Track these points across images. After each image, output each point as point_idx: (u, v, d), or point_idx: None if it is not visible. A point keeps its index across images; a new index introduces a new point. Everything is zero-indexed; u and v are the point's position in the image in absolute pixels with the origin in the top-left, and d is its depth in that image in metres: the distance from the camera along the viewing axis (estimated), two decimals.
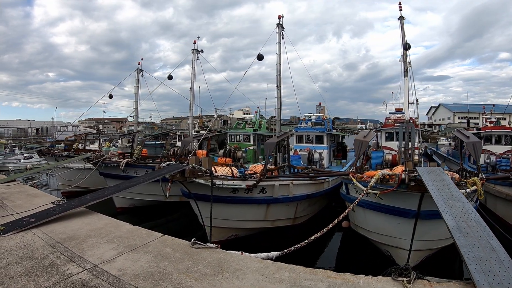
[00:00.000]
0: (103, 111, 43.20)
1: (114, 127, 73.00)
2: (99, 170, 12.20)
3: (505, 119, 21.04)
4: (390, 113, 19.40)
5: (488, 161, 14.49)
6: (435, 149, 22.60)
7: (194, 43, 16.64)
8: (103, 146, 20.96)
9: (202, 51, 16.85)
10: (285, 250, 5.07)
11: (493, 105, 21.58)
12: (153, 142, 25.51)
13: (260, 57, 12.87)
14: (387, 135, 17.14)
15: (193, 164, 7.90)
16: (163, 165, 8.19)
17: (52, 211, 5.65)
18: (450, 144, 29.59)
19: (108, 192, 6.35)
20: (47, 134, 54.52)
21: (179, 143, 20.68)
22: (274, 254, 4.70)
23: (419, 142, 15.60)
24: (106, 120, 64.48)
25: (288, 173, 12.35)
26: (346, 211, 6.82)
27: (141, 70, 19.17)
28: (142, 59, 19.29)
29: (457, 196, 5.47)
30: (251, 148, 19.13)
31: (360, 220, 9.11)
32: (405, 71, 14.14)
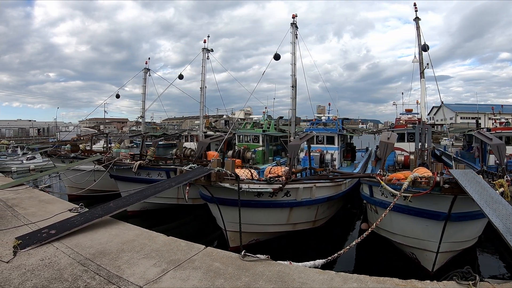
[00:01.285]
0: (105, 111, 42.27)
1: (115, 127, 71.84)
2: (110, 172, 11.49)
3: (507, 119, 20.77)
4: (400, 114, 18.95)
5: (498, 162, 14.20)
6: (443, 150, 22.22)
7: (204, 42, 16.03)
8: (110, 147, 20.28)
9: (212, 50, 16.21)
10: (329, 258, 4.69)
11: (502, 105, 21.28)
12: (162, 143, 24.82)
13: (277, 57, 12.38)
14: (398, 136, 16.66)
15: (219, 168, 7.31)
16: (185, 168, 7.57)
17: (73, 221, 4.98)
18: (453, 144, 29.29)
19: (134, 199, 5.70)
20: (49, 134, 53.29)
21: (186, 144, 19.99)
22: (319, 262, 4.35)
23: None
24: (107, 120, 63.44)
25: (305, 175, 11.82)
26: (383, 215, 6.40)
27: (148, 70, 18.48)
28: (149, 59, 18.66)
29: (497, 199, 5.43)
30: (260, 149, 18.55)
31: (385, 223, 8.44)
32: (422, 73, 13.70)
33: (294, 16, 13.77)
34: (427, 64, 12.89)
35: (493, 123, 18.26)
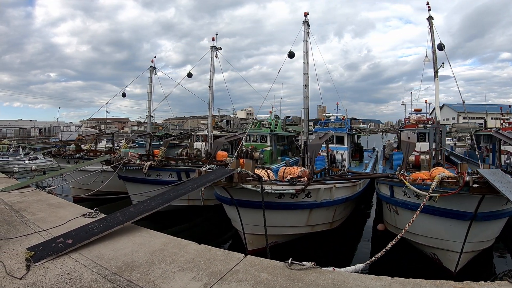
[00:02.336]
0: (106, 111, 41.46)
1: (116, 127, 70.89)
2: (119, 173, 10.87)
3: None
4: (410, 113, 18.51)
5: (508, 161, 14.03)
6: (450, 150, 21.85)
7: (213, 40, 15.42)
8: (117, 147, 19.59)
9: (220, 48, 15.63)
10: (368, 261, 4.30)
11: (510, 106, 21.00)
12: (158, 142, 24.11)
13: (291, 55, 11.89)
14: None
15: (241, 169, 6.77)
16: (205, 169, 7.03)
17: (91, 228, 4.40)
18: (455, 144, 28.96)
19: (156, 203, 5.13)
20: (50, 134, 52.30)
21: (193, 144, 19.36)
22: (360, 266, 3.99)
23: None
24: (108, 120, 62.49)
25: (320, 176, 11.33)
26: (413, 218, 6.02)
27: (154, 68, 17.84)
28: (155, 57, 18.02)
29: None
30: (268, 148, 18.01)
31: (405, 223, 8.50)
32: (436, 72, 13.27)
33: (306, 14, 13.26)
34: (443, 63, 12.45)
35: (501, 123, 17.88)
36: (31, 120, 58.26)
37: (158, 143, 24.67)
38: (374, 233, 10.85)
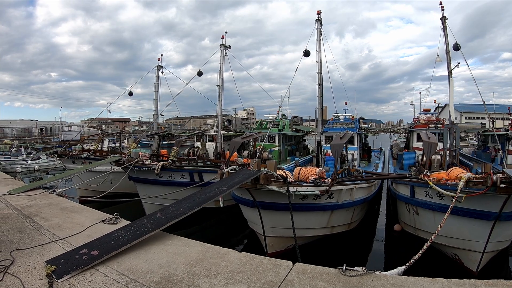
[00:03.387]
0: (108, 111, 40.72)
1: (117, 127, 69.91)
2: (129, 174, 10.30)
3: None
4: (419, 113, 18.13)
5: None
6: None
7: (222, 38, 14.90)
8: (124, 147, 18.96)
9: (229, 46, 15.11)
10: (408, 264, 4.04)
11: None
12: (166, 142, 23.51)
13: (307, 53, 11.48)
14: (418, 136, 15.88)
15: (267, 169, 6.29)
16: (228, 170, 6.54)
17: (117, 237, 3.87)
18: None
19: (184, 207, 4.61)
20: (52, 134, 51.24)
21: (198, 144, 18.79)
22: (401, 268, 3.78)
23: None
24: (109, 120, 61.62)
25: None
26: (444, 219, 5.65)
27: (161, 67, 17.25)
28: (162, 55, 17.45)
29: None
30: (276, 148, 17.52)
31: (426, 224, 8.28)
32: (450, 72, 12.89)
33: (318, 13, 12.85)
34: (458, 63, 12.07)
35: (510, 123, 17.57)
36: (32, 120, 57.10)
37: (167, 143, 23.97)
38: (390, 233, 10.57)
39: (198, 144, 19.45)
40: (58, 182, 9.81)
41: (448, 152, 11.61)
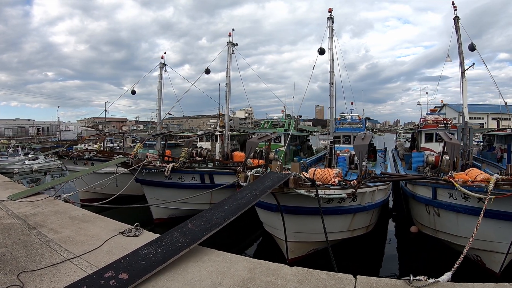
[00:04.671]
0: (106, 110, 39.60)
1: (114, 126, 68.41)
2: (136, 176, 9.58)
3: (510, 119, 19.90)
4: (426, 113, 17.76)
5: None
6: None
7: (229, 35, 14.23)
8: (117, 147, 18.11)
9: (236, 44, 14.45)
10: (453, 269, 3.75)
11: None
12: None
13: (322, 52, 11.00)
14: (426, 136, 15.50)
15: (295, 172, 5.73)
16: (252, 173, 5.97)
17: (147, 255, 3.22)
18: None
19: (218, 216, 3.94)
20: (49, 134, 49.66)
21: (201, 144, 18.09)
22: (449, 274, 3.49)
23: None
24: (106, 120, 60.09)
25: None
26: (478, 221, 5.38)
27: (165, 65, 16.49)
28: (165, 53, 16.64)
29: None
30: (282, 149, 16.93)
31: (447, 226, 8.07)
32: (463, 72, 12.51)
33: (330, 11, 12.34)
34: (473, 63, 11.68)
35: None
36: (29, 120, 55.33)
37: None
38: (403, 235, 10.22)
39: (201, 144, 18.78)
40: (61, 185, 9.05)
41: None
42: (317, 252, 8.10)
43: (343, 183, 6.92)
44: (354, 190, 6.93)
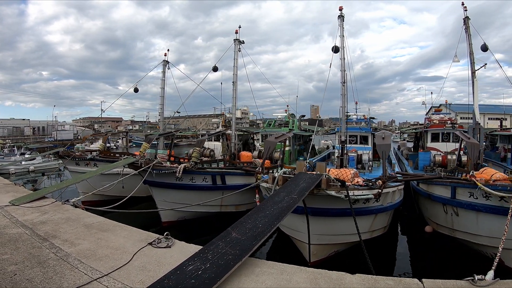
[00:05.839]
0: (102, 110, 38.53)
1: (109, 126, 66.79)
2: (144, 177, 8.95)
3: (506, 119, 20.04)
4: (432, 113, 17.58)
5: None
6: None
7: (236, 32, 13.69)
8: (114, 147, 17.31)
9: (243, 42, 13.91)
10: (493, 267, 3.45)
11: None
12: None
13: (336, 50, 10.66)
14: (432, 136, 15.30)
15: (326, 173, 5.30)
16: (280, 174, 5.51)
17: (196, 273, 2.68)
18: None
19: (263, 222, 3.42)
20: (44, 133, 47.99)
21: (209, 143, 17.44)
22: (491, 273, 3.23)
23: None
24: (101, 119, 58.58)
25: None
26: (508, 220, 5.06)
27: (168, 62, 15.82)
28: (168, 50, 15.95)
29: None
30: (287, 148, 16.48)
31: (466, 225, 7.91)
32: (473, 73, 12.30)
33: (341, 8, 11.93)
34: (485, 64, 11.45)
35: None
36: (24, 119, 53.41)
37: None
38: (422, 235, 9.87)
39: (208, 144, 18.12)
40: (64, 188, 8.38)
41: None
42: (338, 254, 7.77)
43: (370, 183, 6.58)
44: (380, 191, 6.71)
